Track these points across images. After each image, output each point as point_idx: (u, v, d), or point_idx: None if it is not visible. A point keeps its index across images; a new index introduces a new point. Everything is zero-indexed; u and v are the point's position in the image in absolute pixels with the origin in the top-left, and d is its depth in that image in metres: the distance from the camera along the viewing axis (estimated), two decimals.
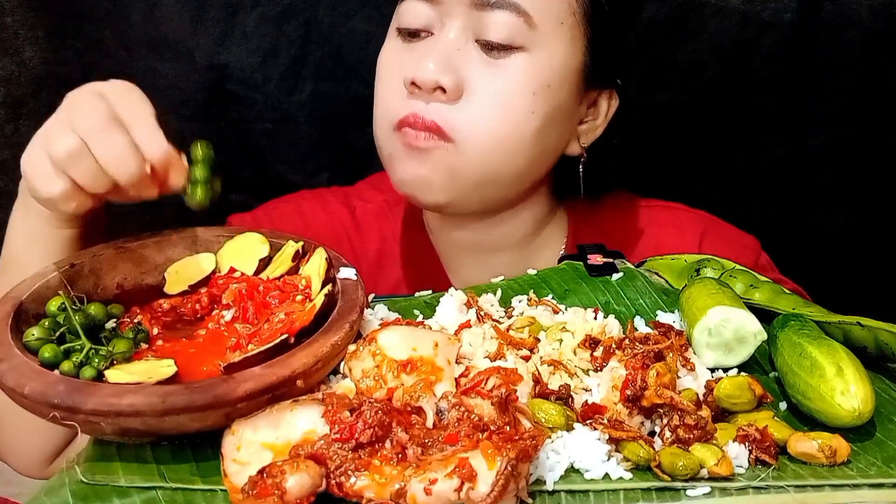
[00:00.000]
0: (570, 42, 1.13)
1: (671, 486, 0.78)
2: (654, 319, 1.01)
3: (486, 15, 1.09)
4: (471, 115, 1.10)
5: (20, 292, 0.90)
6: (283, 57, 1.52)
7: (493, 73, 1.10)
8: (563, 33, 1.12)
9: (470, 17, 1.10)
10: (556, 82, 1.13)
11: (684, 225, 1.34)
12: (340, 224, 1.35)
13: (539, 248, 1.32)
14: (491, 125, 1.11)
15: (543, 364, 0.91)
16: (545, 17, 1.10)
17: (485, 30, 1.10)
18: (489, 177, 1.14)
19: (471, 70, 1.11)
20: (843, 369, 0.84)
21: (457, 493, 0.71)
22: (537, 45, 1.10)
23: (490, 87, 1.10)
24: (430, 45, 1.13)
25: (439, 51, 1.11)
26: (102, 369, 0.83)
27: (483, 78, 1.11)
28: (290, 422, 0.78)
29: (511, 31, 1.09)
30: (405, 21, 1.15)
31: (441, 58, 1.10)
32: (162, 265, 1.01)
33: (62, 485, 0.76)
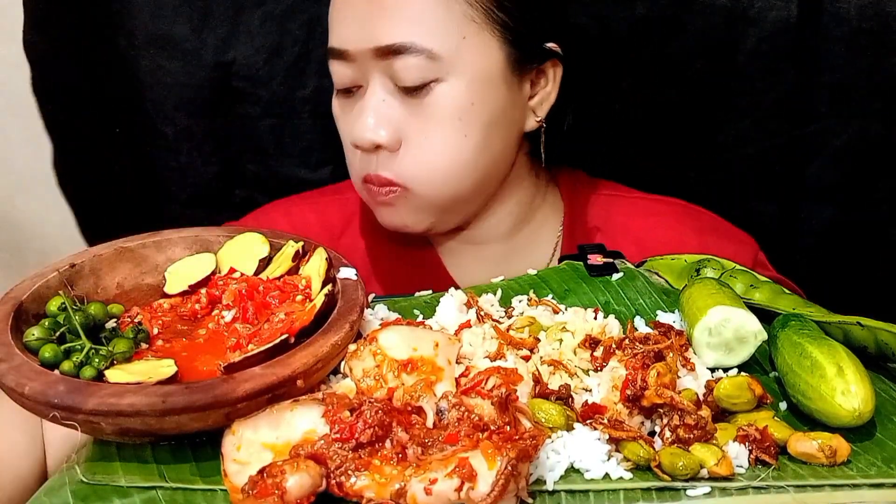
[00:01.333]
0: (483, 48, 1.13)
1: (671, 486, 0.78)
2: (654, 319, 1.01)
3: (392, 62, 1.10)
4: (412, 161, 1.14)
5: (20, 292, 0.90)
6: (287, 54, 1.52)
7: (419, 112, 1.12)
8: (471, 45, 1.12)
9: (380, 66, 1.11)
10: (480, 94, 1.13)
11: (682, 219, 1.34)
12: (331, 223, 1.37)
13: (533, 235, 1.33)
14: (432, 165, 1.14)
15: (543, 364, 0.91)
16: (445, 43, 1.10)
17: (397, 76, 1.11)
18: (452, 202, 1.19)
19: (400, 117, 1.13)
20: (843, 369, 0.84)
21: (457, 492, 0.71)
22: (449, 72, 1.11)
23: (420, 128, 1.13)
24: (360, 102, 1.15)
25: (367, 109, 1.13)
26: (102, 369, 0.83)
27: (412, 121, 1.13)
28: (290, 422, 0.78)
29: (418, 71, 1.10)
30: (336, 81, 1.18)
31: (371, 116, 1.13)
32: (162, 265, 1.01)
33: (62, 485, 0.76)
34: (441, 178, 1.15)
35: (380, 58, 1.11)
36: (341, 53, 1.14)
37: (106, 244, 1.00)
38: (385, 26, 1.10)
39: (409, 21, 1.09)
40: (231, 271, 0.99)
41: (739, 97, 1.49)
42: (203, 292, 0.97)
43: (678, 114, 1.51)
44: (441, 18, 1.10)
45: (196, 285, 0.99)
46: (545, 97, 1.22)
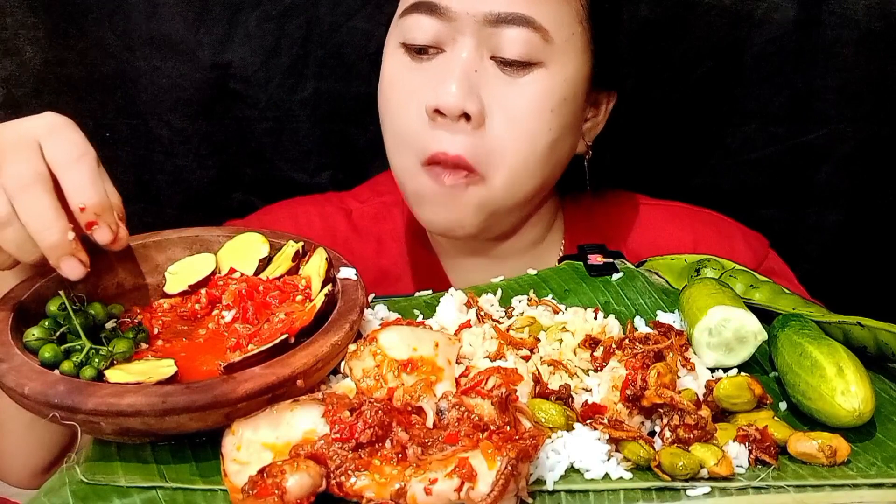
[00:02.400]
0: (581, 52, 1.12)
1: (671, 486, 0.78)
2: (654, 319, 1.01)
3: (501, 31, 1.06)
4: (495, 144, 1.08)
5: (20, 292, 0.90)
6: (284, 56, 1.52)
7: (512, 92, 1.08)
8: (575, 44, 1.10)
9: (483, 33, 1.06)
10: (570, 94, 1.11)
11: (682, 223, 1.34)
12: (336, 228, 1.33)
13: (542, 253, 1.31)
14: (515, 151, 1.09)
15: (543, 364, 0.91)
16: (559, 29, 1.07)
17: (500, 47, 1.06)
18: (516, 202, 1.14)
19: (489, 91, 1.08)
20: (843, 369, 0.84)
21: (457, 492, 0.71)
22: (553, 60, 1.08)
23: (510, 109, 1.08)
24: (445, 65, 1.09)
25: (459, 73, 1.06)
26: (102, 369, 0.83)
27: (502, 99, 1.08)
28: (290, 422, 0.78)
29: (528, 48, 1.06)
30: (411, 36, 1.10)
31: (462, 81, 1.06)
32: (162, 265, 1.01)
33: (62, 485, 0.76)
34: (521, 168, 1.10)
35: (490, 24, 1.05)
36: (436, 8, 1.07)
37: None
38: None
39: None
40: (231, 271, 0.99)
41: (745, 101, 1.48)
42: (203, 292, 0.97)
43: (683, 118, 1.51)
44: (561, 6, 1.08)
45: (196, 285, 0.99)
46: (594, 125, 1.22)
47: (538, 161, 1.11)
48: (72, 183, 0.85)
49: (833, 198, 1.52)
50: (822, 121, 1.47)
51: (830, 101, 1.46)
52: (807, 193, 1.53)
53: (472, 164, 1.08)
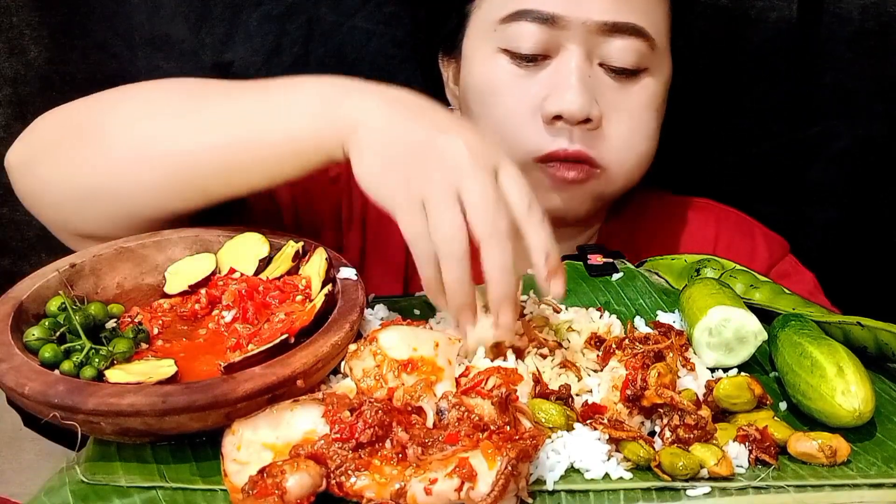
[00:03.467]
0: (668, 59, 1.19)
1: (671, 486, 0.78)
2: (654, 319, 1.01)
3: (611, 40, 1.11)
4: (613, 142, 1.14)
5: (20, 292, 0.90)
6: (286, 55, 1.52)
7: (625, 96, 1.14)
8: (666, 52, 1.17)
9: (593, 41, 1.11)
10: (665, 94, 1.18)
11: (706, 218, 1.36)
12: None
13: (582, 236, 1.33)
14: (630, 148, 1.16)
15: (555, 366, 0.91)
16: (661, 36, 1.15)
17: (610, 55, 1.12)
18: (623, 191, 1.22)
19: (603, 95, 1.13)
20: (843, 369, 0.84)
21: (457, 492, 0.71)
22: (656, 65, 1.15)
23: (623, 112, 1.14)
24: (557, 72, 1.13)
25: (576, 79, 1.11)
26: (102, 369, 0.83)
27: (615, 103, 1.14)
28: (290, 422, 0.78)
29: (637, 56, 1.12)
30: (518, 44, 1.13)
31: (581, 88, 1.11)
32: (162, 265, 1.01)
33: (62, 485, 0.76)
34: (638, 163, 1.19)
35: (601, 33, 1.10)
36: (548, 18, 1.10)
37: (106, 244, 1.00)
38: (624, 4, 1.10)
39: (643, 7, 1.12)
40: (231, 271, 0.99)
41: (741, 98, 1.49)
42: (203, 292, 0.97)
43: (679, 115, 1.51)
44: (662, 17, 1.15)
45: (196, 285, 0.99)
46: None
47: (647, 155, 1.19)
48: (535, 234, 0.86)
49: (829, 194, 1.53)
50: (817, 118, 1.48)
51: (826, 98, 1.46)
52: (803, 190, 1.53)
53: (596, 160, 1.15)
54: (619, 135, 1.14)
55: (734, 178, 1.54)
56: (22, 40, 1.53)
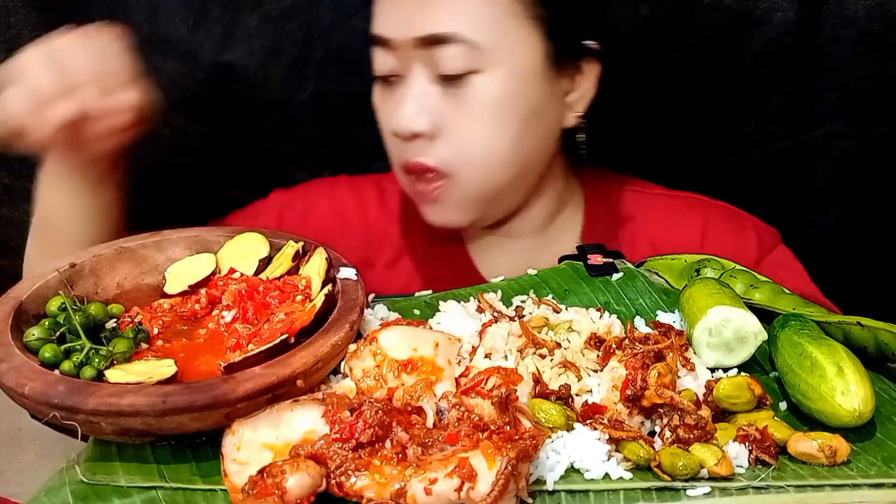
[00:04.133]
0: (523, 42, 1.14)
1: (671, 486, 0.78)
2: (654, 319, 1.01)
3: (434, 52, 1.12)
4: (452, 149, 1.15)
5: (20, 292, 0.90)
6: (285, 56, 1.52)
7: (459, 102, 1.14)
8: (512, 39, 1.13)
9: (422, 55, 1.13)
10: (519, 87, 1.15)
11: (695, 212, 1.35)
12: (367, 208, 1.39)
13: (560, 229, 1.34)
14: (471, 154, 1.15)
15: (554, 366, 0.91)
16: (487, 35, 1.12)
17: (439, 65, 1.13)
18: (494, 194, 1.20)
19: (440, 106, 1.14)
20: (843, 369, 0.84)
21: (457, 492, 0.71)
22: (490, 64, 1.12)
23: (460, 118, 1.14)
24: (401, 91, 1.16)
25: (408, 97, 1.15)
26: (102, 369, 0.83)
27: (452, 111, 1.14)
28: (290, 422, 0.78)
29: (460, 61, 1.12)
30: (377, 69, 1.19)
31: (411, 105, 1.14)
32: (162, 265, 1.01)
33: (62, 485, 0.76)
34: (480, 167, 1.16)
35: (422, 47, 1.12)
36: (384, 41, 1.16)
37: (106, 244, 1.01)
38: (429, 16, 1.11)
39: (454, 11, 1.11)
40: (231, 271, 0.99)
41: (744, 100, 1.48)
42: (203, 292, 0.97)
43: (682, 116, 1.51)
44: (484, 10, 1.12)
45: (196, 285, 0.99)
46: (583, 94, 1.23)
47: (501, 155, 1.17)
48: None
49: (831, 197, 1.52)
50: (820, 120, 1.47)
51: (829, 100, 1.46)
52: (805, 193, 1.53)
53: (439, 169, 1.16)
54: (459, 140, 1.15)
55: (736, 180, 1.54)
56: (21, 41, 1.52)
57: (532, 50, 1.15)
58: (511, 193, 1.23)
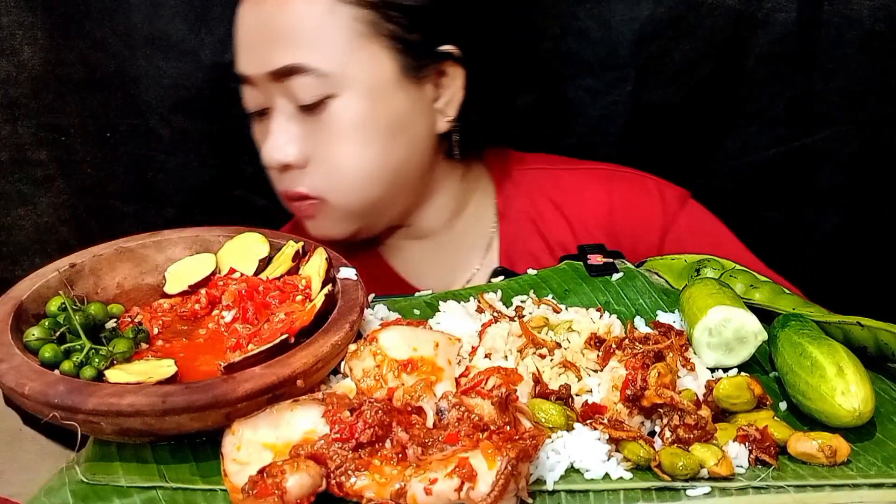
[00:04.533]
0: (372, 60, 1.15)
1: (671, 486, 0.78)
2: (654, 319, 1.01)
3: (288, 83, 1.13)
4: (321, 175, 1.18)
5: (20, 292, 0.90)
6: None
7: (320, 128, 1.16)
8: (359, 59, 1.14)
9: (280, 88, 1.15)
10: (375, 105, 1.16)
11: (599, 183, 1.36)
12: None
13: (471, 220, 1.35)
14: (340, 176, 1.18)
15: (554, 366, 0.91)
16: (332, 60, 1.13)
17: (294, 96, 1.14)
18: (371, 208, 1.22)
19: (304, 135, 1.16)
20: (843, 369, 0.84)
21: (457, 492, 0.71)
22: (342, 86, 1.14)
23: (323, 143, 1.16)
24: (268, 125, 1.19)
25: (273, 130, 1.18)
26: (102, 369, 0.83)
27: (315, 138, 1.16)
28: (290, 422, 0.78)
29: (312, 89, 1.13)
30: (246, 106, 1.23)
31: (277, 137, 1.17)
32: (162, 265, 1.01)
33: (62, 485, 0.76)
34: (351, 187, 1.18)
35: (277, 80, 1.14)
36: (245, 79, 1.19)
37: (106, 244, 1.00)
38: (275, 50, 1.13)
39: (296, 43, 1.13)
40: (231, 271, 0.99)
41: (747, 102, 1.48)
42: (203, 292, 0.97)
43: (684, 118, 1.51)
44: (326, 37, 1.13)
45: (196, 285, 0.99)
46: (451, 98, 1.23)
47: (370, 172, 1.18)
48: None
49: (834, 200, 1.52)
50: (824, 123, 1.47)
51: (833, 102, 1.45)
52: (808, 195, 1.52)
53: (311, 195, 1.19)
54: (327, 166, 1.17)
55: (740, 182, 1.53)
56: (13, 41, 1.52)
57: (383, 66, 1.16)
58: (392, 203, 1.24)
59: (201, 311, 0.96)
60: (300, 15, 1.12)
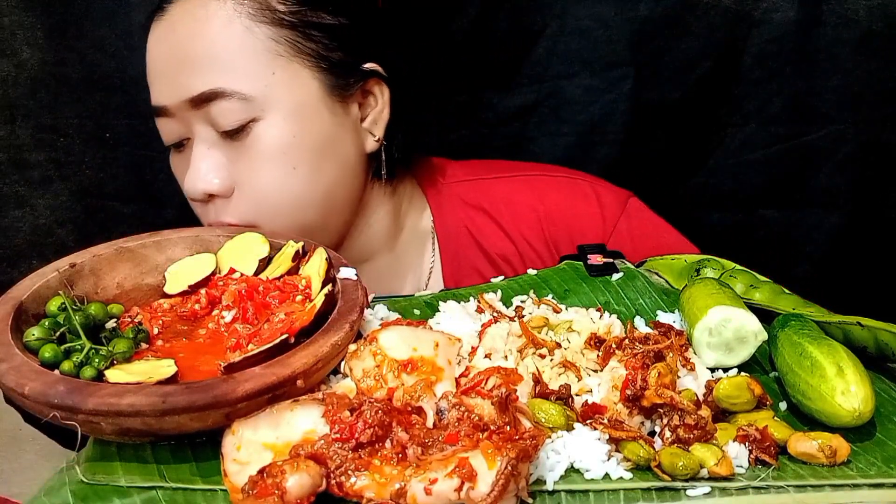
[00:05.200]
0: (294, 81, 1.13)
1: (671, 486, 0.78)
2: (654, 319, 1.01)
3: (208, 110, 1.10)
4: (249, 203, 1.13)
5: (20, 292, 0.90)
6: None
7: (244, 154, 1.12)
8: (281, 80, 1.12)
9: (200, 116, 1.11)
10: (300, 126, 1.13)
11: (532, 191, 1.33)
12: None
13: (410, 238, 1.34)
14: (268, 203, 1.13)
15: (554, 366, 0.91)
16: (254, 83, 1.10)
17: (216, 122, 1.11)
18: (307, 231, 1.16)
19: (228, 162, 1.13)
20: (843, 369, 0.84)
21: (457, 492, 0.71)
22: (265, 109, 1.11)
23: (249, 169, 1.12)
24: (189, 155, 1.15)
25: (196, 160, 1.13)
26: (102, 369, 0.83)
27: (240, 164, 1.12)
28: (290, 422, 0.78)
29: (234, 114, 1.10)
30: (165, 139, 1.19)
31: (199, 167, 1.13)
32: (162, 265, 1.01)
33: (62, 485, 0.76)
34: (281, 213, 1.14)
35: (196, 108, 1.11)
36: (162, 110, 1.15)
37: (106, 244, 1.01)
38: (192, 76, 1.10)
39: (215, 67, 1.10)
40: (231, 271, 0.99)
41: (745, 101, 1.48)
42: (203, 292, 0.98)
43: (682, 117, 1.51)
44: (246, 59, 1.10)
45: (196, 285, 0.99)
46: (378, 116, 1.22)
47: (299, 195, 1.14)
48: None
49: (833, 199, 1.52)
50: (822, 121, 1.47)
51: (830, 101, 1.45)
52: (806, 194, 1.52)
53: (236, 223, 1.13)
54: (254, 192, 1.13)
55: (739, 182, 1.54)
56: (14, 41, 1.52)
57: (307, 86, 1.14)
58: (325, 227, 1.20)
59: (201, 311, 0.96)
60: (216, 38, 1.10)
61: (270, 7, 1.11)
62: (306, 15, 1.13)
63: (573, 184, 1.34)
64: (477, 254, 1.31)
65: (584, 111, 1.50)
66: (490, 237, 1.30)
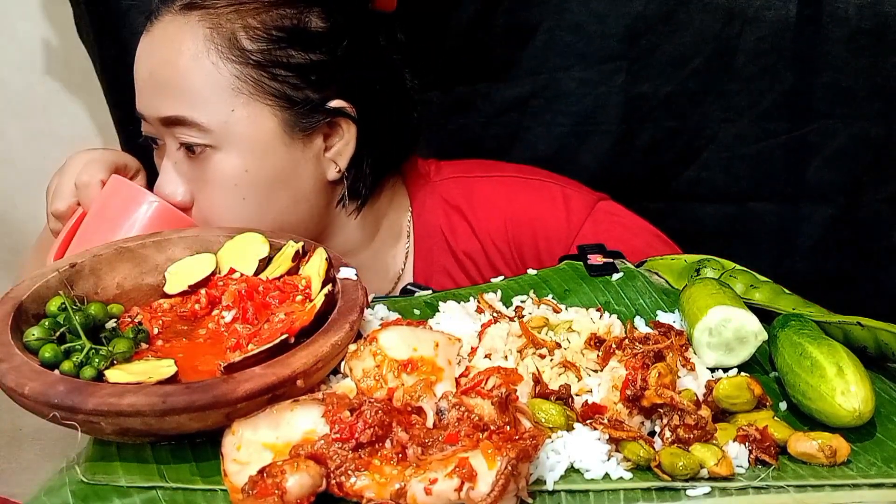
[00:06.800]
0: (254, 118, 1.15)
1: (671, 486, 0.78)
2: (654, 319, 1.01)
3: (173, 129, 1.15)
4: (204, 219, 1.17)
5: (20, 292, 0.90)
6: None
7: (202, 176, 1.17)
8: (240, 117, 1.14)
9: (169, 132, 1.16)
10: (254, 161, 1.16)
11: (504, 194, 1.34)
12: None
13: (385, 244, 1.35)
14: (220, 222, 1.17)
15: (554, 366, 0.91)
16: (213, 117, 1.13)
17: (180, 140, 1.15)
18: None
19: (190, 178, 1.18)
20: (843, 369, 0.84)
21: (457, 492, 0.71)
22: (222, 142, 1.14)
23: (204, 190, 1.18)
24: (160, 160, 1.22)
25: (165, 167, 1.20)
26: (102, 369, 0.83)
27: (198, 183, 1.17)
28: (290, 422, 0.78)
29: (194, 139, 1.14)
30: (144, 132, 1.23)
31: (166, 175, 1.19)
32: (162, 265, 1.01)
33: (62, 485, 0.76)
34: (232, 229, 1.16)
35: (165, 126, 1.16)
36: (141, 116, 1.21)
37: (106, 244, 1.01)
38: (162, 98, 1.15)
39: (182, 97, 1.14)
40: (231, 271, 0.99)
41: (738, 97, 1.49)
42: (203, 292, 0.98)
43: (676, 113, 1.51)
44: (209, 94, 1.13)
45: (196, 285, 0.99)
46: (342, 149, 1.22)
47: (250, 222, 1.15)
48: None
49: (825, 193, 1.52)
50: (814, 116, 1.48)
51: (822, 97, 1.46)
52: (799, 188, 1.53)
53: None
54: (207, 210, 1.18)
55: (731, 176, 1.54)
56: None
57: (265, 124, 1.16)
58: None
59: (201, 311, 0.96)
60: (185, 70, 1.13)
61: (239, 46, 1.14)
62: (273, 54, 1.15)
63: (543, 187, 1.35)
64: (445, 252, 1.33)
65: (578, 103, 1.52)
66: (460, 235, 1.32)
